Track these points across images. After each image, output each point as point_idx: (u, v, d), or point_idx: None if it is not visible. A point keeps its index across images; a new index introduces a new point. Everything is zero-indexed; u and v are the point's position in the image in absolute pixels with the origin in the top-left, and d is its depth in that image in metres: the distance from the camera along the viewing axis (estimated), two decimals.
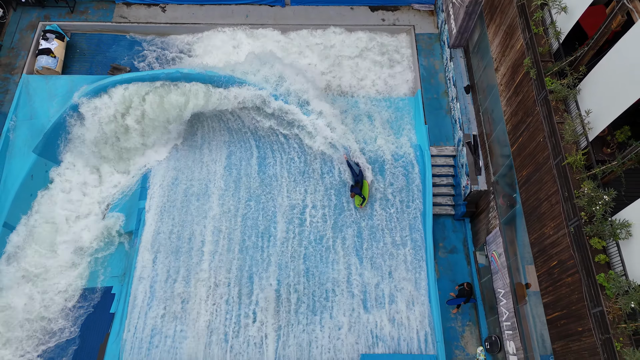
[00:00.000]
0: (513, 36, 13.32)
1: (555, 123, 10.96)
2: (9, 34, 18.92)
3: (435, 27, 19.84)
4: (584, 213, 9.78)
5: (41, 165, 17.11)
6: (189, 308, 15.71)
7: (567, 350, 10.48)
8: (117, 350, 15.04)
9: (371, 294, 15.90)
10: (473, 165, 15.83)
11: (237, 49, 19.17)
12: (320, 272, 16.13)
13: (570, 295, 10.35)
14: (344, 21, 19.96)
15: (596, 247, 9.53)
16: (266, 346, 15.18)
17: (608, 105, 9.86)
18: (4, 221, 16.13)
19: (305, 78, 16.83)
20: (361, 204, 16.62)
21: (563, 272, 10.61)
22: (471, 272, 16.39)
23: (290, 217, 17.00)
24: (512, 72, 13.40)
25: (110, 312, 15.90)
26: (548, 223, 11.29)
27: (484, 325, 15.46)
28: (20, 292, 15.52)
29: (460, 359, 15.23)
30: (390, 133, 17.69)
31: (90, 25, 19.51)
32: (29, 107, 17.41)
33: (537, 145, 11.87)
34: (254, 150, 18.01)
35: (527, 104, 12.40)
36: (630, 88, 9.19)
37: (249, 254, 16.43)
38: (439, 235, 16.95)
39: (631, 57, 9.17)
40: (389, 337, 15.33)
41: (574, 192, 10.09)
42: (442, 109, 18.11)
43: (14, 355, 14.57)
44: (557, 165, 10.81)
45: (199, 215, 17.07)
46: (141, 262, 16.39)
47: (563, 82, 10.89)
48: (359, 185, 16.53)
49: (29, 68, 18.21)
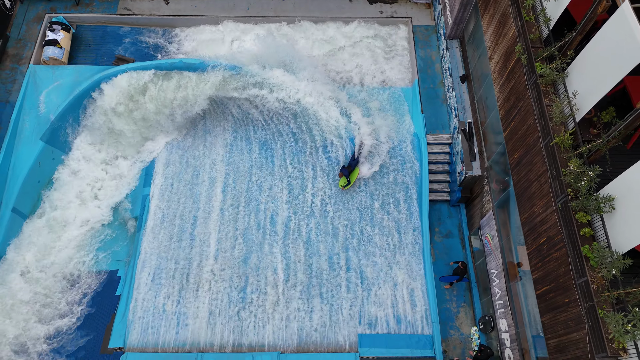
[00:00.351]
0: (506, 24, 13.81)
1: (544, 105, 11.45)
2: (16, 25, 19.40)
3: (431, 19, 20.32)
4: (570, 189, 10.27)
5: (48, 152, 17.58)
6: (192, 290, 16.19)
7: (555, 322, 10.97)
8: (123, 330, 15.53)
9: (369, 276, 16.38)
10: (468, 151, 16.32)
11: (238, 41, 19.64)
12: (320, 255, 16.61)
13: (557, 269, 10.84)
14: (343, 13, 20.44)
15: (582, 221, 10.02)
16: (266, 326, 15.65)
17: (594, 86, 10.33)
18: (12, 206, 16.61)
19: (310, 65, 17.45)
20: (344, 186, 17.11)
21: (551, 247, 11.11)
22: (466, 256, 16.88)
23: (291, 202, 17.48)
24: (505, 60, 13.89)
25: (116, 294, 16.39)
26: (537, 202, 11.78)
27: (478, 307, 15.95)
28: (29, 273, 16.01)
29: (455, 339, 15.72)
30: (387, 121, 18.14)
31: (95, 17, 20.00)
32: (36, 96, 17.87)
33: (527, 128, 12.36)
34: (255, 138, 18.48)
35: (519, 89, 12.89)
36: (614, 70, 9.66)
37: (251, 238, 16.91)
38: (435, 220, 17.44)
39: (615, 41, 9.65)
40: (386, 318, 15.81)
41: (562, 171, 10.58)
42: (438, 99, 18.60)
43: (24, 330, 15.07)
44: (546, 146, 11.30)
45: (202, 201, 17.55)
46: (145, 246, 16.87)
47: (552, 66, 11.37)
48: (350, 168, 17.01)
49: (36, 58, 18.69)
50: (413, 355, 15.08)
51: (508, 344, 13.76)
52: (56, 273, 16.35)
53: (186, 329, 15.62)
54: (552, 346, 11.08)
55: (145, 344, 15.40)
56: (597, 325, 9.34)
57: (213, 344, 15.40)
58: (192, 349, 15.33)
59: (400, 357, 15.05)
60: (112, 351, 15.23)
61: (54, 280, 16.24)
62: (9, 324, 15.27)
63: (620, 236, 9.40)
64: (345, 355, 15.19)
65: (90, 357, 15.18)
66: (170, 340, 15.46)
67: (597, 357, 9.33)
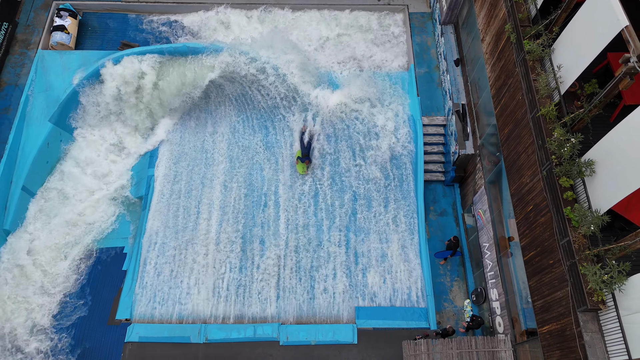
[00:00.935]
0: (497, 6, 14.42)
1: (531, 80, 12.07)
2: (24, 12, 20.01)
3: (427, 6, 20.94)
4: (554, 156, 10.89)
5: (56, 134, 18.20)
6: (195, 265, 16.81)
7: (540, 284, 11.60)
8: (129, 303, 16.15)
9: (367, 252, 17.00)
10: (461, 131, 16.95)
11: (238, 26, 20.29)
12: (319, 233, 17.23)
13: (543, 233, 11.46)
14: (343, 1, 21.04)
15: (565, 186, 10.64)
16: (269, 301, 16.27)
17: (577, 59, 10.95)
18: (22, 185, 17.22)
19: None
20: (302, 170, 17.96)
21: (537, 214, 11.73)
22: (460, 233, 17.50)
23: (291, 185, 18.10)
24: (496, 40, 14.50)
25: (123, 269, 17.02)
26: (525, 172, 12.41)
27: (470, 280, 16.59)
28: (40, 250, 16.65)
29: (449, 311, 16.36)
30: (385, 104, 18.76)
31: (100, 5, 20.62)
32: (44, 79, 18.49)
33: (516, 103, 12.98)
34: (255, 120, 19.10)
35: (508, 67, 13.51)
36: (594, 43, 10.27)
37: (252, 216, 17.53)
38: (430, 199, 18.08)
39: (595, 16, 10.27)
40: (382, 291, 16.44)
41: (547, 140, 11.20)
42: (433, 82, 19.22)
43: (36, 305, 15.72)
44: (533, 118, 11.91)
45: (205, 180, 18.17)
46: (150, 224, 17.49)
47: (538, 42, 11.99)
48: (307, 157, 17.83)
49: (44, 43, 19.31)
50: (408, 327, 15.70)
51: (498, 311, 14.40)
52: (66, 251, 16.97)
53: (190, 302, 16.23)
54: (538, 307, 11.69)
55: (151, 315, 16.02)
56: (578, 281, 9.96)
57: (216, 316, 16.02)
58: (196, 320, 15.95)
59: (396, 329, 15.67)
60: (119, 322, 15.87)
61: (64, 256, 16.87)
62: (20, 298, 15.91)
63: (599, 197, 10.02)
64: (343, 326, 15.82)
65: (99, 327, 15.82)
66: (174, 312, 16.09)
67: (579, 310, 9.95)
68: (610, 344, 9.62)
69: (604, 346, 9.74)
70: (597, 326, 9.89)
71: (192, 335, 15.48)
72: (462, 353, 13.54)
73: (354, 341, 15.43)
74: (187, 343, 15.36)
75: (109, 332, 15.70)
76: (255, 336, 15.51)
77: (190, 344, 15.35)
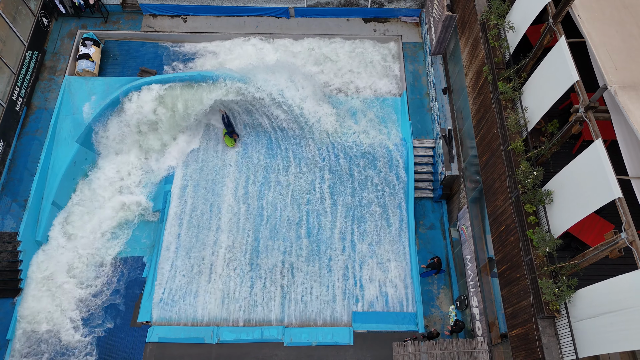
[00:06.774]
0: (477, 47, 16.34)
1: (504, 117, 13.98)
2: (52, 40, 21.93)
3: (419, 37, 22.88)
4: (520, 186, 12.79)
5: (82, 153, 20.08)
6: (208, 274, 18.69)
7: (510, 294, 13.49)
8: (149, 307, 18.02)
9: (362, 263, 18.90)
10: (447, 154, 18.85)
11: (248, 55, 22.21)
12: (320, 245, 19.13)
13: (512, 250, 13.36)
14: (341, 31, 22.98)
15: (529, 211, 12.53)
16: (273, 304, 18.15)
17: (540, 103, 12.86)
18: (52, 200, 19.10)
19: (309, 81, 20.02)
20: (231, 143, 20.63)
21: (508, 233, 13.63)
22: (446, 245, 19.41)
23: (295, 199, 20.01)
24: (477, 77, 16.42)
25: (143, 277, 18.90)
26: (499, 196, 14.31)
27: (455, 288, 18.47)
28: (69, 260, 18.57)
29: (436, 316, 18.24)
30: (379, 127, 20.68)
31: (121, 34, 22.53)
32: (71, 104, 20.38)
33: (492, 135, 14.89)
34: (264, 142, 21.02)
35: (486, 103, 15.43)
36: (553, 91, 12.17)
37: (260, 229, 19.43)
38: (420, 214, 19.99)
39: (554, 67, 12.18)
40: (376, 298, 18.33)
41: (515, 171, 13.10)
42: (424, 108, 21.14)
43: (65, 308, 17.63)
44: (505, 151, 13.82)
45: (217, 196, 20.08)
46: (167, 235, 19.39)
47: (510, 86, 13.90)
48: (233, 132, 20.72)
49: (70, 70, 21.21)
50: (399, 330, 17.58)
51: (478, 317, 16.28)
52: (92, 260, 18.86)
53: (204, 307, 18.08)
54: (509, 314, 13.59)
55: (169, 319, 17.89)
56: (537, 293, 11.84)
57: (227, 320, 17.90)
58: (210, 323, 17.82)
59: (388, 331, 17.55)
60: (141, 325, 17.74)
61: (90, 265, 18.76)
62: (54, 304, 17.83)
63: (557, 222, 11.90)
64: (341, 329, 17.71)
65: (123, 329, 17.70)
66: (189, 316, 17.95)
67: (538, 317, 11.84)
68: (564, 346, 11.49)
69: (558, 348, 11.62)
70: (553, 331, 11.76)
71: (205, 337, 17.36)
72: (445, 353, 15.42)
73: (351, 343, 17.30)
74: (202, 343, 17.24)
75: (131, 334, 17.57)
76: (262, 337, 17.39)
77: (204, 345, 17.23)
